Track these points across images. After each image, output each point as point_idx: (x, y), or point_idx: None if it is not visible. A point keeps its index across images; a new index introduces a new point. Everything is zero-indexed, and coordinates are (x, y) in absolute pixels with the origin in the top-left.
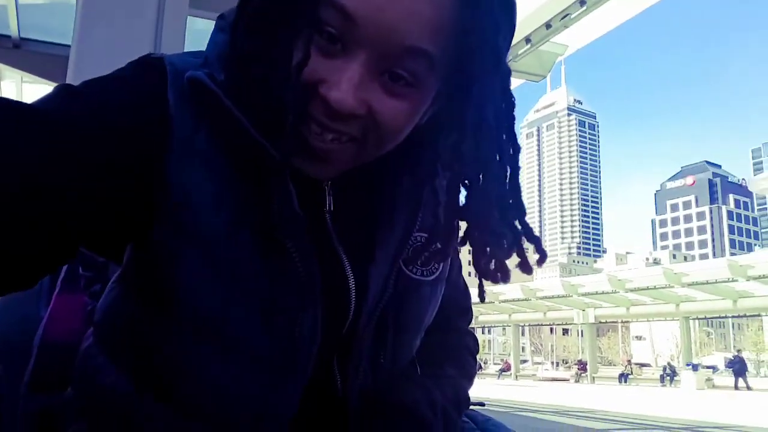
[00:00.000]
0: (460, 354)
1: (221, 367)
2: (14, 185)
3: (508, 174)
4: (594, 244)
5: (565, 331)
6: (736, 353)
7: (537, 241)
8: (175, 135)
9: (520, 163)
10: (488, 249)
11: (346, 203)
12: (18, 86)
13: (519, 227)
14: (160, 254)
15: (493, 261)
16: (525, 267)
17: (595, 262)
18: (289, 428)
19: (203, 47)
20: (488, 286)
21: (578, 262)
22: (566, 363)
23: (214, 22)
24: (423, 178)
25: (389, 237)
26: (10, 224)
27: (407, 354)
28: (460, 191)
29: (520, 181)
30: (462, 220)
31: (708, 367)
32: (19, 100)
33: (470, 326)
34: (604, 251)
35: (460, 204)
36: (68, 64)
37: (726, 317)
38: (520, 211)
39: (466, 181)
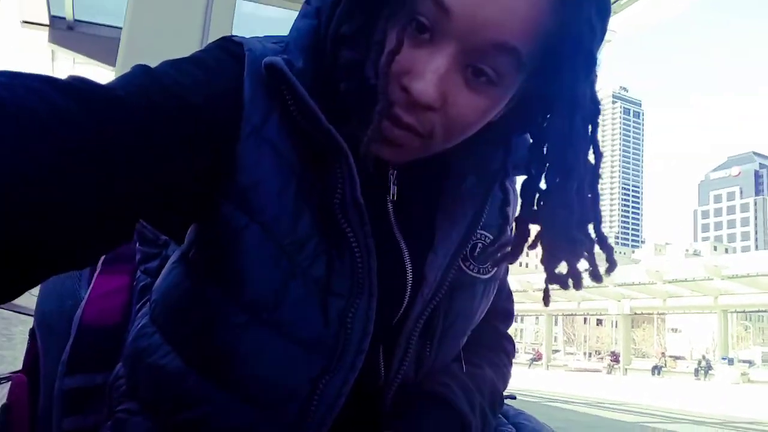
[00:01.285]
0: (498, 357)
1: (275, 350)
2: (93, 166)
3: (590, 180)
4: (633, 235)
5: (599, 322)
6: None
7: (610, 251)
8: (246, 119)
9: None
10: (561, 254)
11: (410, 194)
12: (71, 67)
13: (594, 235)
14: (223, 233)
15: (566, 267)
16: (596, 276)
17: (633, 252)
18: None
19: (250, 31)
20: (522, 274)
21: (616, 252)
22: (599, 354)
23: (261, 5)
24: (491, 176)
25: (450, 231)
26: (89, 203)
27: (453, 350)
28: (536, 194)
29: (599, 188)
30: (536, 224)
31: (744, 361)
32: None
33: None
34: (643, 242)
35: (534, 207)
36: (119, 45)
37: (766, 311)
38: (597, 218)
39: (543, 185)
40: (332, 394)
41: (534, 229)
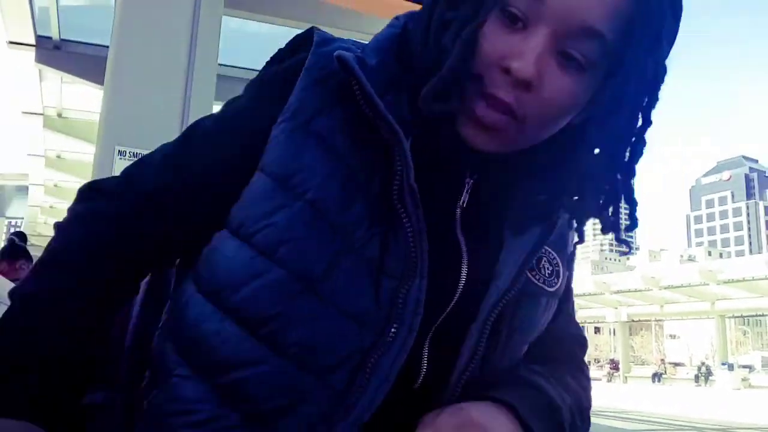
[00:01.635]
0: (579, 374)
1: (327, 319)
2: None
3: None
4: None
5: (597, 330)
6: None
7: (634, 206)
8: (291, 112)
9: None
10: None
11: (479, 204)
12: (58, 86)
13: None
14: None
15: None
16: (615, 227)
17: (628, 259)
18: None
19: (239, 46)
20: None
21: (610, 259)
22: (598, 362)
23: (248, 21)
24: (559, 194)
25: (517, 241)
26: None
27: (515, 355)
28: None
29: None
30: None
31: (744, 366)
32: (59, 99)
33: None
34: (637, 248)
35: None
36: (107, 64)
37: (763, 315)
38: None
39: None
40: (384, 370)
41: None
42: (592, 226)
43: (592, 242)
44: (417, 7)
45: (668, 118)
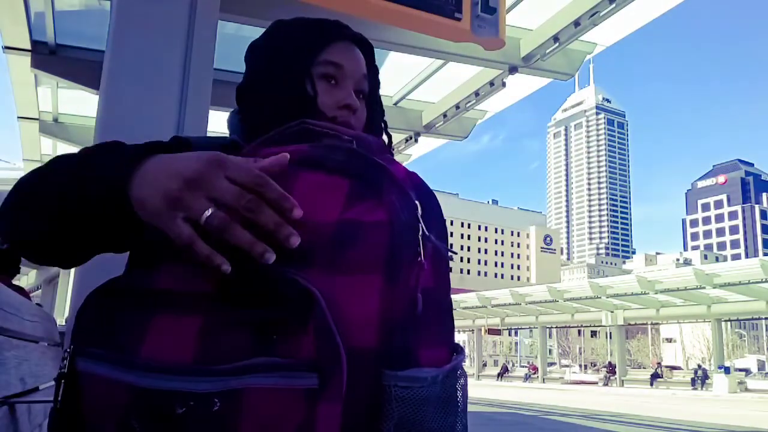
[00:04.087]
0: None
1: None
2: None
3: None
4: (623, 245)
5: (594, 333)
6: None
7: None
8: None
9: (548, 164)
10: None
11: None
12: (54, 92)
13: None
14: None
15: None
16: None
17: (624, 263)
18: None
19: (233, 51)
20: (516, 286)
21: (607, 263)
22: (594, 366)
23: (243, 25)
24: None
25: None
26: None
27: None
28: None
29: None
30: None
31: (740, 370)
32: (55, 104)
33: (499, 327)
34: (633, 252)
35: None
36: (102, 69)
37: (759, 318)
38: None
39: None
40: None
41: None
42: (588, 231)
43: (588, 247)
44: (409, 9)
45: (668, 119)
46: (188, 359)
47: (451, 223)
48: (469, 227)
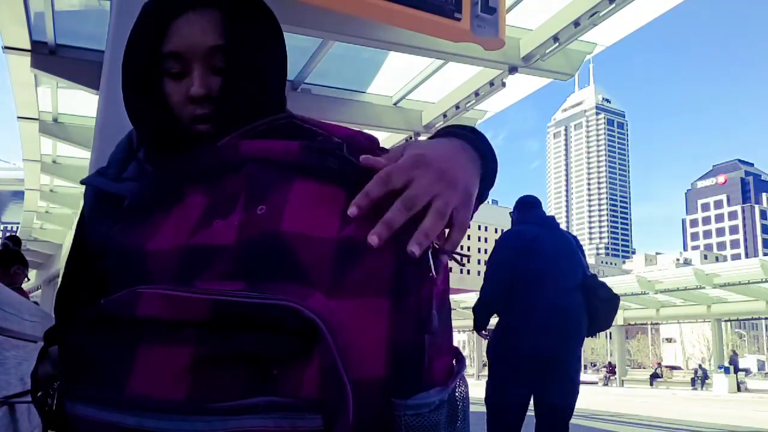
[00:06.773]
0: None
1: None
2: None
3: None
4: (623, 245)
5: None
6: None
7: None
8: None
9: (548, 164)
10: None
11: None
12: (53, 92)
13: None
14: None
15: None
16: None
17: (624, 263)
18: None
19: None
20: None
21: (606, 263)
22: (594, 366)
23: None
24: None
25: None
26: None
27: None
28: None
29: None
30: None
31: (740, 370)
32: (55, 104)
33: None
34: (633, 252)
35: None
36: (102, 69)
37: (759, 319)
38: None
39: None
40: None
41: None
42: (588, 231)
43: (588, 246)
44: (409, 9)
45: (668, 118)
46: (180, 396)
47: None
48: (468, 227)
